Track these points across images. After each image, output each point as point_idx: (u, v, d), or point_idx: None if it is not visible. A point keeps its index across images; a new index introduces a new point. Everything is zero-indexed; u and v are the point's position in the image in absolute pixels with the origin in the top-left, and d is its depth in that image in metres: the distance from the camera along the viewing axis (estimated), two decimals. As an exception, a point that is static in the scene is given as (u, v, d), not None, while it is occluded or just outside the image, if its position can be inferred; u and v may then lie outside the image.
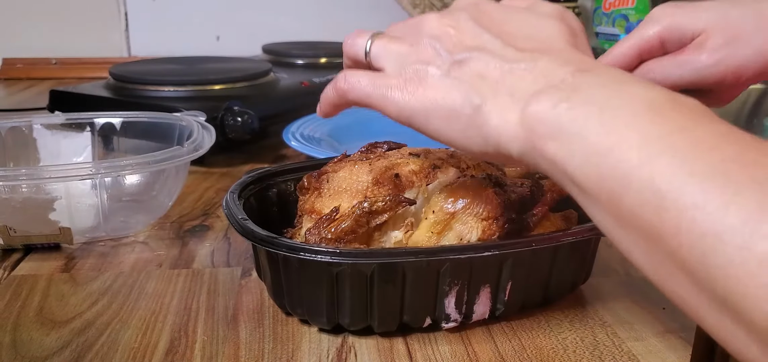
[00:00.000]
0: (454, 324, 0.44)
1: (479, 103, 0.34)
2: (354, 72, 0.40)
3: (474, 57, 0.35)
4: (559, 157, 0.30)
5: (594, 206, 0.29)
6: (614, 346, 0.44)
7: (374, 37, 0.40)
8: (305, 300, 0.44)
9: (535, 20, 0.37)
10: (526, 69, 0.33)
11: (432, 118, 0.36)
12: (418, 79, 0.36)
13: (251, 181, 0.53)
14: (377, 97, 0.38)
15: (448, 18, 0.38)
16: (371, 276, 0.42)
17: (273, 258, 0.44)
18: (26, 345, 0.44)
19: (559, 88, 0.31)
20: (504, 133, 0.33)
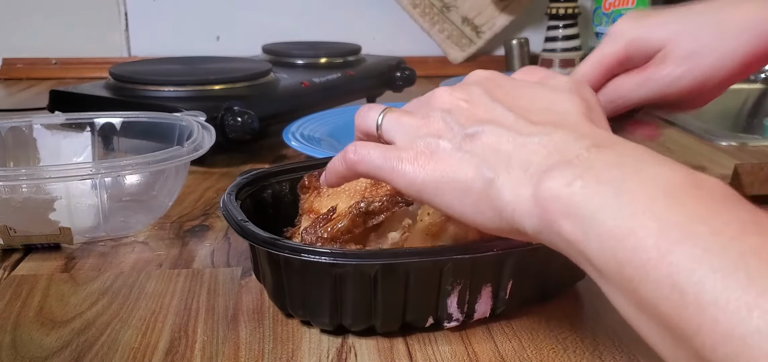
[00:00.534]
0: (456, 323, 0.45)
1: (492, 177, 0.33)
2: (364, 144, 0.39)
3: (486, 130, 0.34)
4: (574, 237, 0.29)
5: (613, 291, 0.28)
6: (614, 346, 0.44)
7: (386, 112, 0.40)
8: (307, 302, 0.44)
9: (549, 94, 0.36)
10: (540, 142, 0.32)
11: (443, 191, 0.35)
12: (429, 152, 0.36)
13: (246, 182, 0.53)
14: (387, 169, 0.37)
15: (461, 92, 0.37)
16: (374, 277, 0.42)
17: (274, 259, 0.44)
18: (26, 345, 0.44)
19: (574, 164, 0.30)
20: (518, 208, 0.32)
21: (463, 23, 1.50)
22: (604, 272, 0.28)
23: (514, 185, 0.32)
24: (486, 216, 0.34)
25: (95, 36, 1.48)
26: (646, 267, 0.25)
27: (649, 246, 0.26)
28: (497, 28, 1.49)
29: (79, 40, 1.47)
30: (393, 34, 1.51)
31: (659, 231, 0.26)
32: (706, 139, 0.95)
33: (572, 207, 0.29)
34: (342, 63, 1.10)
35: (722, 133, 0.96)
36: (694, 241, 0.25)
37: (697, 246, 0.25)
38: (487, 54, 1.54)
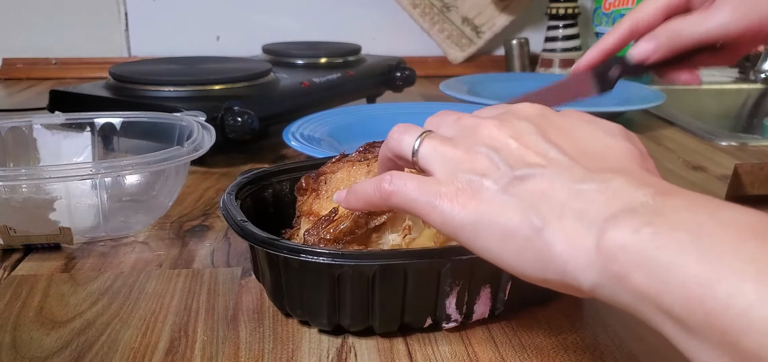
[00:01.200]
0: (455, 324, 0.45)
1: (540, 225, 0.30)
2: (401, 175, 0.36)
3: (537, 174, 0.31)
4: (648, 289, 0.26)
5: (701, 345, 0.25)
6: (615, 346, 0.44)
7: (424, 137, 0.37)
8: (305, 302, 0.44)
9: (603, 137, 0.34)
10: (597, 190, 0.29)
11: (481, 234, 0.32)
12: (472, 191, 0.33)
13: (247, 181, 0.53)
14: (423, 203, 0.34)
15: (510, 127, 0.34)
16: (373, 277, 0.42)
17: (273, 259, 0.44)
18: (26, 345, 0.44)
19: (640, 212, 0.27)
20: (572, 260, 0.29)
21: (463, 23, 1.50)
22: (690, 325, 0.25)
23: (568, 236, 0.29)
24: (529, 264, 0.31)
25: (95, 36, 1.48)
26: (747, 316, 0.23)
27: (748, 290, 0.23)
28: (497, 28, 1.49)
29: (79, 40, 1.47)
30: (393, 34, 1.51)
31: (757, 272, 0.23)
32: (706, 139, 0.95)
33: (644, 256, 0.26)
34: (342, 63, 1.10)
35: (722, 133, 0.96)
36: None
37: None
38: (487, 54, 1.54)
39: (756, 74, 1.36)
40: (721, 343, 0.24)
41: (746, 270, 0.23)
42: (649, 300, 0.26)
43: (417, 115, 0.96)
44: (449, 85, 1.15)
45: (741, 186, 0.82)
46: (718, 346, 0.24)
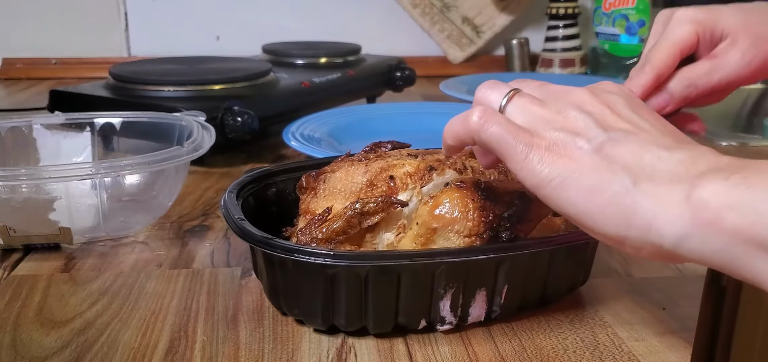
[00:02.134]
0: (450, 326, 0.44)
1: (631, 184, 0.32)
2: (495, 112, 0.37)
3: (630, 139, 0.34)
4: (743, 225, 0.28)
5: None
6: (614, 346, 0.44)
7: (513, 94, 0.38)
8: (301, 301, 0.44)
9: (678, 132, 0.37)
10: (686, 155, 0.32)
11: (569, 187, 0.34)
12: (564, 146, 0.35)
13: (250, 180, 0.53)
14: (513, 146, 0.35)
15: (603, 96, 0.37)
16: (366, 278, 0.42)
17: (269, 258, 0.44)
18: (26, 345, 0.44)
19: (725, 169, 0.30)
20: (661, 215, 0.31)
21: (463, 23, 1.50)
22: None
23: (659, 193, 0.31)
24: (612, 221, 0.33)
25: (95, 36, 1.48)
26: None
27: None
28: (497, 28, 1.49)
29: (79, 40, 1.47)
30: (393, 34, 1.51)
31: None
32: (706, 139, 0.95)
33: (737, 196, 0.29)
34: (342, 63, 1.10)
35: (722, 133, 0.96)
36: None
37: None
38: (487, 54, 1.54)
39: (756, 74, 1.35)
40: None
41: None
42: (743, 236, 0.28)
43: (417, 115, 0.97)
44: (449, 85, 1.15)
45: (741, 187, 0.82)
46: None
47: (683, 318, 0.47)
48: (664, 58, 0.46)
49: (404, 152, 0.50)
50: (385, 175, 0.46)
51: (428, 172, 0.46)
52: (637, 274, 0.54)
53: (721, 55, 0.45)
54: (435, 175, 0.46)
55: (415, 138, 0.57)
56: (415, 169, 0.46)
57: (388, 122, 0.93)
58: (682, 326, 0.46)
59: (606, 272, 0.54)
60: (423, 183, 0.45)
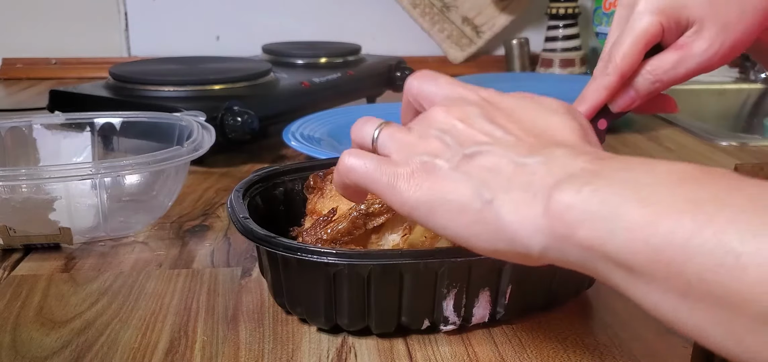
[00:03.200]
0: (453, 327, 0.44)
1: (490, 198, 0.32)
2: (359, 152, 0.38)
3: (485, 151, 0.34)
4: (594, 240, 0.28)
5: (648, 285, 0.27)
6: (615, 347, 0.44)
7: (382, 126, 0.39)
8: (304, 300, 0.44)
9: (546, 115, 0.36)
10: (540, 162, 0.32)
11: (436, 211, 0.34)
12: (426, 171, 0.35)
13: (257, 179, 0.53)
14: (382, 184, 0.36)
15: (458, 110, 0.37)
16: (368, 277, 0.42)
17: (273, 257, 0.44)
18: (26, 345, 0.44)
19: (579, 176, 0.29)
20: (521, 228, 0.31)
21: (463, 23, 1.50)
22: (636, 266, 0.26)
23: (516, 206, 0.31)
24: (481, 237, 0.33)
25: (95, 36, 1.48)
26: (689, 243, 0.24)
27: (687, 222, 0.25)
28: (497, 28, 1.49)
29: (79, 40, 1.47)
30: (393, 34, 1.51)
31: (694, 206, 0.25)
32: (706, 139, 0.95)
33: (588, 212, 0.28)
34: (342, 63, 1.10)
35: (722, 133, 0.96)
36: (732, 208, 0.24)
37: (737, 210, 0.24)
38: (487, 54, 1.54)
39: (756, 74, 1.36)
40: (667, 277, 0.25)
41: (683, 207, 0.25)
42: (596, 251, 0.28)
43: (417, 115, 0.96)
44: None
45: (741, 186, 0.82)
46: (664, 282, 0.26)
47: (683, 318, 0.47)
48: (627, 55, 0.45)
49: None
50: None
51: None
52: (637, 274, 0.54)
53: (688, 46, 0.44)
54: None
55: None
56: None
57: (388, 122, 0.93)
58: (682, 326, 0.46)
59: (606, 272, 0.54)
60: None
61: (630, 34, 0.45)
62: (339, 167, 0.39)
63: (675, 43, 0.45)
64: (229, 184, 0.75)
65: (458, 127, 0.36)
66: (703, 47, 0.44)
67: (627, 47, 0.45)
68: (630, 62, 0.45)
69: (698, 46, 0.44)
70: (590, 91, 0.47)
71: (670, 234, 0.25)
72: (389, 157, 0.37)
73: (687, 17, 0.44)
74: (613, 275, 0.28)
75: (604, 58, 0.47)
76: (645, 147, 0.92)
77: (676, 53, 0.45)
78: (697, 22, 0.44)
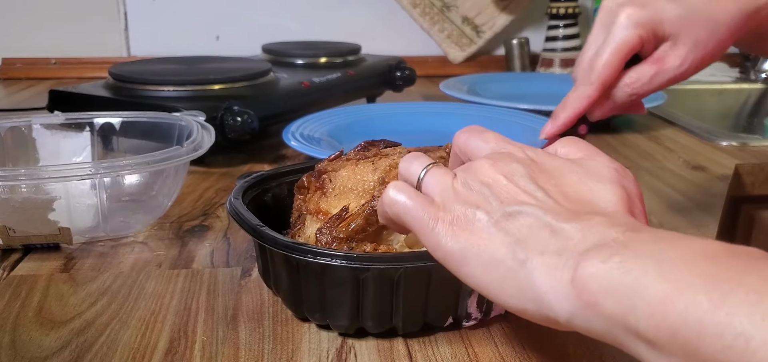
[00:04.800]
0: (474, 322, 0.45)
1: (524, 258, 0.33)
2: (404, 186, 0.38)
3: (525, 212, 0.34)
4: (618, 312, 0.28)
5: (668, 359, 0.27)
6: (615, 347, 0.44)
7: (430, 167, 0.39)
8: (326, 305, 0.44)
9: (593, 183, 0.36)
10: (576, 229, 0.32)
11: (468, 262, 0.34)
12: (466, 221, 0.35)
13: (249, 185, 0.53)
14: (422, 224, 0.36)
15: (503, 166, 0.37)
16: (398, 280, 0.42)
17: (292, 264, 0.44)
18: (26, 345, 0.44)
19: (609, 246, 0.30)
20: (551, 292, 0.31)
21: (463, 23, 1.50)
22: (657, 341, 0.27)
23: (548, 269, 0.32)
24: (509, 294, 0.33)
25: (95, 36, 1.47)
26: (702, 322, 0.25)
27: (701, 300, 0.25)
28: (497, 28, 1.49)
29: (78, 39, 1.47)
30: (393, 34, 1.51)
31: (709, 285, 0.25)
32: (706, 139, 0.94)
33: (612, 283, 0.29)
34: (342, 63, 1.10)
35: (722, 133, 0.96)
36: (746, 288, 0.25)
37: (750, 291, 0.24)
38: (488, 54, 1.54)
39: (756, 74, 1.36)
40: (685, 355, 0.26)
41: (699, 284, 0.26)
42: (619, 323, 0.29)
43: (417, 115, 0.97)
44: (449, 84, 1.15)
45: (742, 187, 0.82)
46: (683, 358, 0.26)
47: (684, 318, 0.47)
48: (608, 67, 0.48)
49: (404, 149, 0.50)
50: (396, 173, 0.46)
51: None
52: (638, 274, 0.54)
53: (662, 61, 0.48)
54: None
55: (415, 138, 0.58)
56: None
57: (388, 122, 0.93)
58: (682, 326, 0.46)
59: (606, 272, 0.54)
60: None
61: (611, 44, 0.48)
62: (384, 198, 0.39)
63: (652, 56, 0.48)
64: (229, 184, 0.75)
65: (502, 183, 0.36)
66: (677, 63, 0.47)
67: (608, 58, 0.48)
68: (610, 73, 0.48)
69: (671, 61, 0.47)
70: (572, 99, 0.49)
71: (686, 312, 0.26)
72: (433, 199, 0.37)
73: (663, 31, 0.47)
74: (637, 347, 0.29)
75: (584, 66, 0.49)
76: (645, 147, 0.92)
77: (652, 67, 0.48)
78: (672, 37, 0.48)
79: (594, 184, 0.36)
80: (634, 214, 0.35)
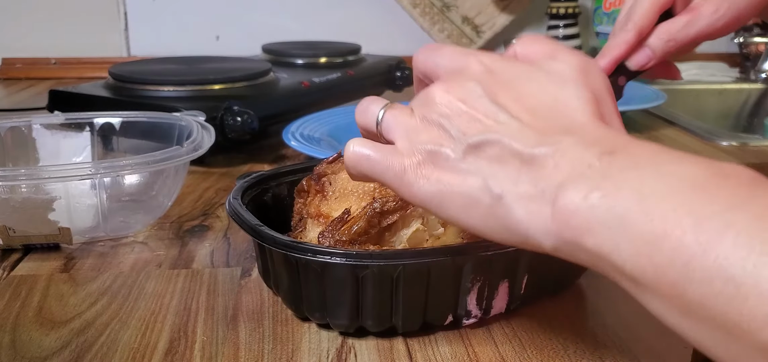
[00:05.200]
0: (474, 320, 0.45)
1: (499, 193, 0.31)
2: (364, 141, 0.37)
3: (491, 141, 0.32)
4: (602, 250, 0.27)
5: (653, 298, 0.26)
6: (615, 346, 0.44)
7: (387, 108, 0.38)
8: (327, 305, 0.44)
9: (555, 88, 0.34)
10: (547, 154, 0.30)
11: (447, 204, 0.33)
12: (432, 160, 0.34)
13: (248, 185, 0.53)
14: (390, 176, 0.35)
15: (458, 89, 0.35)
16: (397, 277, 0.42)
17: (292, 263, 0.44)
18: (26, 345, 0.44)
19: (587, 176, 0.29)
20: (532, 226, 0.31)
21: (463, 23, 1.50)
22: (641, 281, 0.26)
23: (526, 203, 0.31)
24: (494, 230, 0.32)
25: (95, 36, 1.47)
26: (689, 266, 0.24)
27: (689, 242, 0.24)
28: (497, 28, 1.49)
29: (78, 40, 1.47)
30: (393, 34, 1.51)
31: (697, 225, 0.24)
32: (707, 138, 0.94)
33: (594, 221, 0.28)
34: (342, 63, 1.10)
35: (723, 133, 0.96)
36: (737, 229, 0.23)
37: (741, 233, 0.23)
38: (487, 54, 1.54)
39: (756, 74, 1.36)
40: (670, 296, 0.25)
41: (686, 224, 0.25)
42: (603, 259, 0.28)
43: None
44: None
45: (741, 186, 0.82)
46: (667, 299, 0.25)
47: (684, 318, 0.47)
48: (645, 15, 0.47)
49: None
50: None
51: None
52: (638, 274, 0.54)
53: (697, 9, 0.47)
54: None
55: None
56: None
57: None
58: (682, 326, 0.46)
59: (606, 272, 0.54)
60: None
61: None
62: (346, 158, 0.38)
63: (687, 7, 0.47)
64: (229, 184, 0.75)
65: (461, 110, 0.34)
66: (711, 10, 0.46)
67: (646, 7, 0.47)
68: (647, 21, 0.47)
69: (706, 9, 0.46)
70: (611, 45, 0.48)
71: (672, 254, 0.25)
72: (395, 146, 0.36)
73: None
74: (621, 282, 0.28)
75: (621, 18, 0.49)
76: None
77: (687, 15, 0.47)
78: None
79: (558, 90, 0.34)
80: (605, 117, 0.33)
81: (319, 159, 0.57)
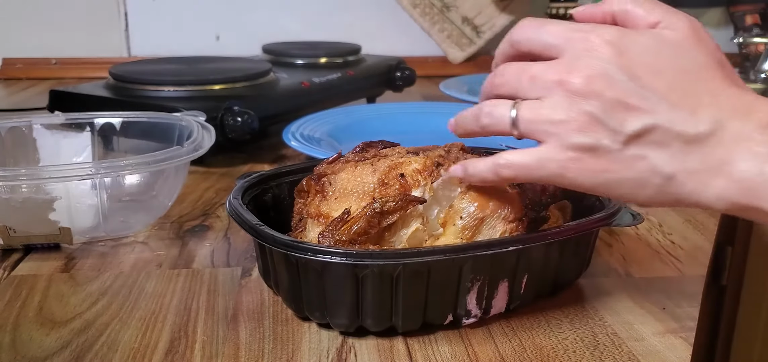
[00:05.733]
0: (474, 319, 0.45)
1: (670, 173, 0.34)
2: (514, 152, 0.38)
3: (649, 126, 0.34)
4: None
5: None
6: (614, 346, 0.44)
7: (517, 106, 0.37)
8: (327, 304, 0.44)
9: (680, 58, 0.35)
10: (709, 132, 0.33)
11: (616, 188, 0.36)
12: (591, 153, 0.35)
13: (248, 185, 0.53)
14: (548, 174, 0.37)
15: (596, 75, 0.35)
16: (397, 276, 0.42)
17: (293, 263, 0.44)
18: (26, 345, 0.44)
19: (755, 152, 0.32)
20: (705, 195, 0.33)
21: (463, 23, 1.50)
22: None
23: (696, 176, 0.33)
24: (665, 202, 0.35)
25: (95, 36, 1.48)
26: None
27: None
28: (497, 28, 1.49)
29: (79, 40, 1.47)
30: (393, 34, 1.51)
31: None
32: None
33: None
34: (342, 63, 1.10)
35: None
36: None
37: None
38: (488, 54, 1.54)
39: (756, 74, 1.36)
40: None
41: None
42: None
43: (417, 115, 0.96)
44: (449, 85, 1.15)
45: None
46: None
47: (683, 318, 0.47)
48: None
49: (403, 150, 0.50)
50: (396, 174, 0.46)
51: (436, 168, 0.46)
52: (637, 274, 0.54)
53: None
54: (442, 171, 0.46)
55: (415, 138, 0.57)
56: (423, 165, 0.46)
57: (388, 122, 0.93)
58: (681, 326, 0.46)
59: (606, 272, 0.54)
60: (432, 179, 0.46)
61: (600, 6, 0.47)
62: (495, 166, 0.39)
63: None
64: (229, 184, 0.75)
65: (606, 96, 0.34)
66: None
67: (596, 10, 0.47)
68: None
69: None
70: None
71: None
72: (545, 145, 0.37)
73: None
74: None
75: None
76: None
77: None
78: None
79: (684, 60, 0.35)
80: (728, 74, 0.35)
81: (319, 159, 0.58)
